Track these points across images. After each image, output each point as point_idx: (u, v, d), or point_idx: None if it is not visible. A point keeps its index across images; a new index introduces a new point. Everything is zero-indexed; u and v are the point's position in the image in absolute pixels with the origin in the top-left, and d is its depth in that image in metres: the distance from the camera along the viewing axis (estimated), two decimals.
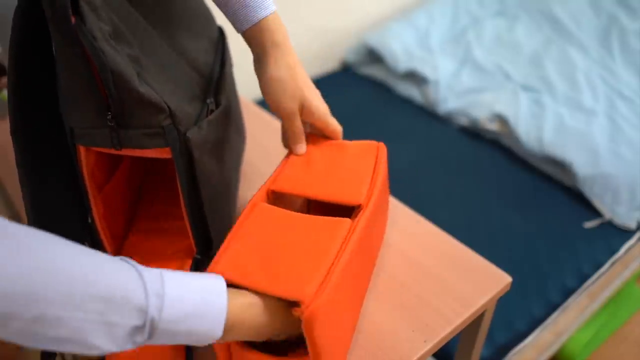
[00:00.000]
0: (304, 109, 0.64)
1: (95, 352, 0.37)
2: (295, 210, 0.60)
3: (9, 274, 0.33)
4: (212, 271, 0.50)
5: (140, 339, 0.40)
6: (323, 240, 0.52)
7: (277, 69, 0.62)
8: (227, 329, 0.46)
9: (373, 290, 0.68)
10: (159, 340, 0.41)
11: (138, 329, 0.39)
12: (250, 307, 0.48)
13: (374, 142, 0.69)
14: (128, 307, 0.38)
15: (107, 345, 0.38)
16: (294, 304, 0.48)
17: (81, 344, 0.37)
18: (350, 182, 0.62)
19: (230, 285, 0.48)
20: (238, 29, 0.62)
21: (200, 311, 0.43)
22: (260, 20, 0.60)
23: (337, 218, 0.56)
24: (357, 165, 0.64)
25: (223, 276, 0.48)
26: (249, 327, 0.48)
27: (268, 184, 0.62)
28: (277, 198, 0.62)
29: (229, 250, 0.52)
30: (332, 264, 0.50)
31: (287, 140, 0.67)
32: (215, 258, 0.52)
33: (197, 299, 0.43)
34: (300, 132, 0.66)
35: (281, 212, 0.57)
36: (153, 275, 0.41)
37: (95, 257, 0.39)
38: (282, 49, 0.61)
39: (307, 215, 0.56)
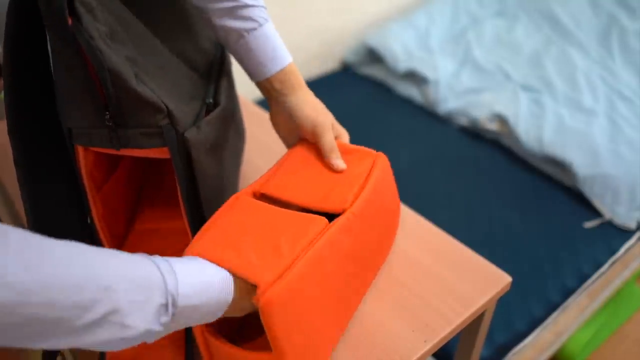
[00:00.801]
0: (333, 128, 0.69)
1: (130, 333, 0.39)
2: None
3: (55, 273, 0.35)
4: (188, 253, 0.51)
5: (166, 318, 0.41)
6: (295, 234, 0.53)
7: (309, 95, 0.68)
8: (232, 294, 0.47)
9: (373, 290, 0.68)
10: (180, 320, 0.43)
11: (163, 307, 0.41)
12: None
13: (372, 152, 0.69)
14: (151, 286, 0.40)
15: (141, 324, 0.40)
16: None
17: (118, 323, 0.38)
18: (338, 189, 0.62)
19: None
20: (267, 72, 0.66)
21: (208, 281, 0.46)
22: (289, 64, 0.67)
23: (313, 215, 0.56)
24: (350, 173, 0.64)
25: (194, 253, 0.50)
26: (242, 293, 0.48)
27: (258, 185, 0.63)
28: (269, 201, 0.61)
29: (205, 235, 0.53)
30: (298, 256, 0.51)
31: (325, 156, 0.66)
32: (193, 241, 0.52)
33: (201, 272, 0.46)
34: (336, 146, 0.67)
35: (261, 205, 0.58)
36: (159, 258, 0.44)
37: (108, 250, 0.41)
38: (306, 87, 0.69)
39: (286, 210, 0.57)
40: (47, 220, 0.60)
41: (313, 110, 0.67)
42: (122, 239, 0.71)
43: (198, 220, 0.62)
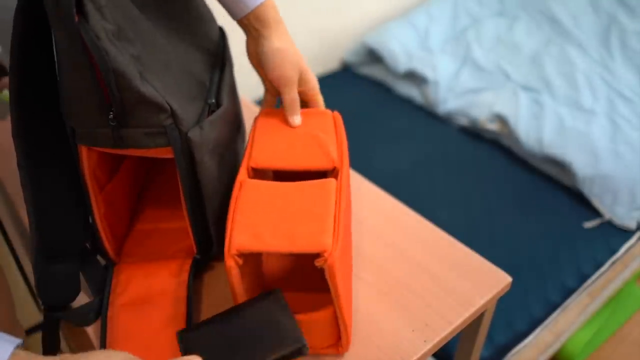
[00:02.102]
0: (301, 79, 0.69)
1: None
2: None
3: None
4: (228, 248, 0.52)
5: None
6: (319, 200, 0.57)
7: (281, 42, 0.67)
8: None
9: (373, 290, 0.68)
10: None
11: None
12: None
13: (328, 111, 0.72)
14: None
15: None
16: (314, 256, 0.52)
17: None
18: (318, 149, 0.65)
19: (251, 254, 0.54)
20: (242, 10, 0.66)
21: None
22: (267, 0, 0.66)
23: (323, 180, 0.60)
24: (319, 132, 0.67)
25: (241, 248, 0.52)
26: None
27: (246, 161, 0.64)
28: (255, 173, 0.64)
29: (237, 226, 0.54)
30: (335, 217, 0.55)
31: (285, 112, 0.69)
32: (227, 236, 0.54)
33: None
34: (297, 101, 0.69)
35: (269, 184, 0.60)
36: None
37: None
38: (282, 25, 0.68)
39: (294, 182, 0.59)
40: (50, 221, 0.60)
41: (281, 61, 0.67)
42: (123, 239, 0.71)
43: (200, 219, 0.63)
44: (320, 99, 0.73)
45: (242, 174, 0.62)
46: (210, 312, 0.65)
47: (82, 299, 0.66)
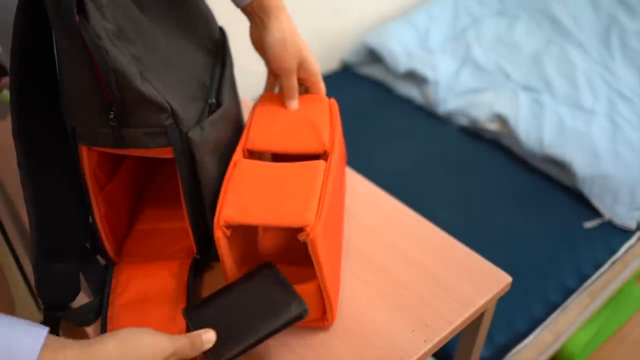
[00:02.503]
0: (301, 67, 0.71)
1: None
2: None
3: None
4: (217, 220, 0.56)
5: None
6: (307, 180, 0.60)
7: (282, 31, 0.69)
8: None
9: (373, 290, 0.68)
10: None
11: None
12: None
13: (325, 97, 0.75)
14: None
15: None
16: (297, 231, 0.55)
17: None
18: (312, 133, 0.68)
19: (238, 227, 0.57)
20: None
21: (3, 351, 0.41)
22: None
23: (313, 161, 0.63)
24: (314, 117, 0.70)
25: (229, 220, 0.56)
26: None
27: (243, 143, 0.67)
28: (251, 155, 0.67)
29: (227, 201, 0.58)
30: (321, 195, 0.58)
31: (283, 97, 0.73)
32: (217, 210, 0.57)
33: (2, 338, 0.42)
34: (296, 88, 0.72)
35: (262, 164, 0.63)
36: None
37: None
38: (285, 13, 0.69)
39: (286, 163, 0.63)
40: (50, 221, 0.60)
41: (281, 52, 0.69)
42: (123, 239, 0.71)
43: (200, 219, 0.63)
44: (321, 86, 0.75)
45: (238, 154, 0.65)
46: None
47: (82, 299, 0.66)
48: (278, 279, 0.58)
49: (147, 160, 0.79)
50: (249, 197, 0.58)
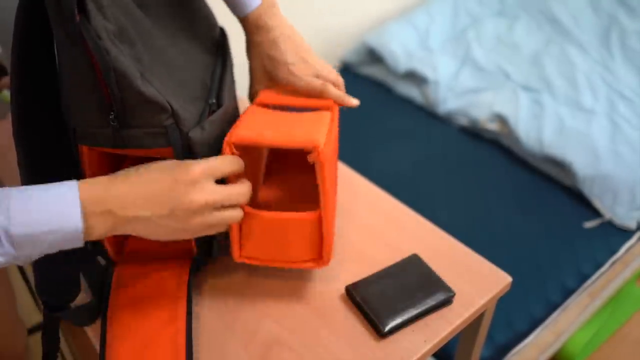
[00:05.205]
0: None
1: None
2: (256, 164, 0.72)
3: None
4: (229, 137, 0.58)
5: (1, 249, 0.45)
6: (315, 119, 0.64)
7: (272, 50, 0.70)
8: (91, 210, 0.48)
9: None
10: (26, 250, 0.46)
11: None
12: (116, 180, 0.51)
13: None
14: None
15: None
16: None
17: None
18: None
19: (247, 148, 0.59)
20: (240, 11, 0.69)
21: (52, 208, 0.47)
22: None
23: (319, 111, 0.67)
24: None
25: (240, 139, 0.58)
26: (127, 198, 0.50)
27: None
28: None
29: (241, 125, 0.61)
30: (329, 129, 0.62)
31: (338, 101, 0.71)
32: (230, 132, 0.59)
33: (45, 200, 0.47)
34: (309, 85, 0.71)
35: (270, 110, 0.67)
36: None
37: None
38: (277, 31, 0.71)
39: (294, 112, 0.66)
40: None
41: (269, 75, 0.71)
42: (123, 239, 0.71)
43: None
44: (329, 92, 0.70)
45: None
46: (210, 312, 0.66)
47: (82, 299, 0.66)
48: (425, 268, 0.69)
49: (148, 160, 0.78)
50: (262, 125, 0.61)
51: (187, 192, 0.52)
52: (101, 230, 0.50)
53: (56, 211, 0.47)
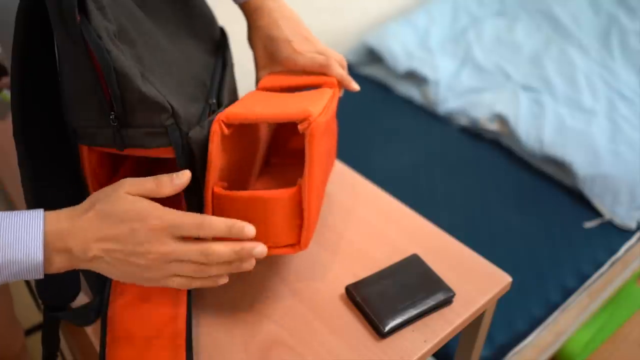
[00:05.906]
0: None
1: None
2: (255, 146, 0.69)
3: None
4: (219, 115, 0.56)
5: None
6: (315, 94, 0.62)
7: (274, 31, 0.70)
8: (53, 243, 0.47)
9: None
10: None
11: None
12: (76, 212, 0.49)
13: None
14: None
15: None
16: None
17: None
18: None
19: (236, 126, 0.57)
20: None
21: (12, 237, 0.46)
22: None
23: (320, 88, 0.66)
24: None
25: (230, 116, 0.56)
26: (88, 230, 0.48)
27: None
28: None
29: (234, 105, 0.59)
30: (327, 105, 0.60)
31: (343, 84, 0.72)
32: (227, 110, 0.57)
33: (6, 229, 0.46)
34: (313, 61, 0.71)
35: (270, 93, 0.66)
36: None
37: None
38: (277, 13, 0.71)
39: (293, 93, 0.65)
40: None
41: (271, 61, 0.71)
42: None
43: None
44: (333, 68, 0.70)
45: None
46: (210, 312, 0.66)
47: (82, 299, 0.66)
48: (425, 268, 0.69)
49: (148, 160, 0.79)
50: (256, 103, 0.59)
51: (147, 240, 0.48)
52: (60, 265, 0.48)
53: (18, 242, 0.46)
